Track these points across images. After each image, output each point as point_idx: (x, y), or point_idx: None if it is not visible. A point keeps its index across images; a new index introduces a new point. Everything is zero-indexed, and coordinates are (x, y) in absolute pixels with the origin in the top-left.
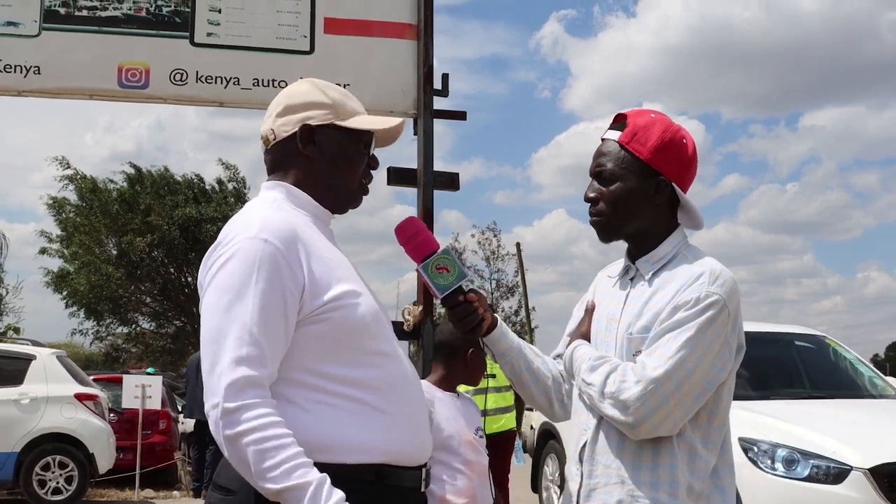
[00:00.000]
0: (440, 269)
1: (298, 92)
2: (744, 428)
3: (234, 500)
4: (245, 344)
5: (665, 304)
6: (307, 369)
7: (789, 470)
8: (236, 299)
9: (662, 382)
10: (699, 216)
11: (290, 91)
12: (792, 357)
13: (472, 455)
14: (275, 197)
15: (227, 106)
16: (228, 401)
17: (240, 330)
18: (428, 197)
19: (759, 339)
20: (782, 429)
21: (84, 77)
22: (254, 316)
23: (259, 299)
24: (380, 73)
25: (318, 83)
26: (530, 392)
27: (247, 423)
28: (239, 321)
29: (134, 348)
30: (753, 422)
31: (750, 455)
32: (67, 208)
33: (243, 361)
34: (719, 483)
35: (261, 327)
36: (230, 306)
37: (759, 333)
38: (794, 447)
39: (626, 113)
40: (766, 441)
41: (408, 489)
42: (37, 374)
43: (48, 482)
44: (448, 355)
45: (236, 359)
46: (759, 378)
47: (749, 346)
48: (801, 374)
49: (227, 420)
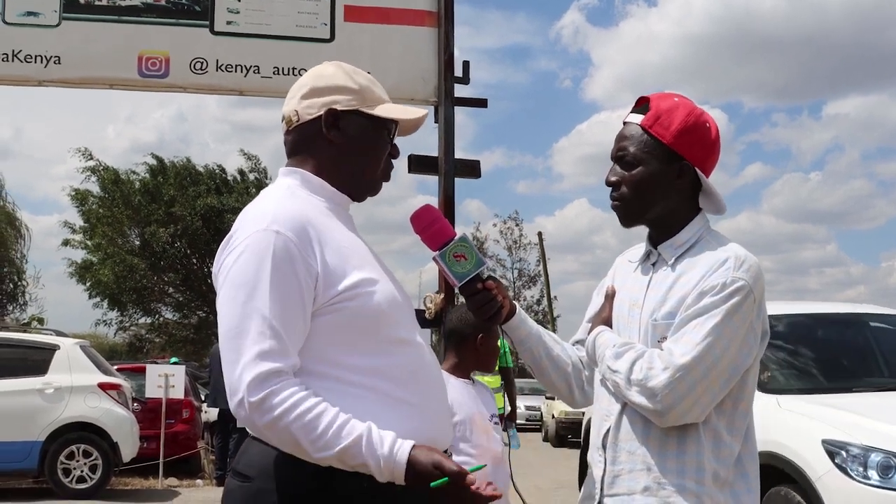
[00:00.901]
0: (457, 256)
1: (325, 74)
2: (826, 428)
3: (252, 486)
4: (266, 338)
5: (690, 289)
6: (324, 359)
7: (885, 478)
8: (252, 293)
9: (690, 369)
10: (721, 201)
11: (316, 73)
12: (867, 341)
13: (485, 441)
14: (289, 184)
15: (247, 94)
16: (253, 394)
17: (260, 324)
18: (449, 185)
19: (828, 321)
20: (872, 428)
21: (104, 66)
22: (272, 309)
23: (275, 292)
24: (400, 60)
25: (345, 67)
26: (550, 379)
27: (280, 406)
28: (258, 315)
29: (157, 338)
30: (837, 420)
31: (837, 461)
32: (90, 200)
33: (266, 356)
34: (744, 470)
35: (280, 319)
36: (247, 301)
37: (828, 315)
38: (890, 451)
39: (649, 96)
40: (855, 444)
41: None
42: (60, 363)
43: (72, 471)
44: (458, 342)
45: (259, 353)
46: (833, 367)
47: (817, 330)
48: (879, 360)
49: (259, 411)
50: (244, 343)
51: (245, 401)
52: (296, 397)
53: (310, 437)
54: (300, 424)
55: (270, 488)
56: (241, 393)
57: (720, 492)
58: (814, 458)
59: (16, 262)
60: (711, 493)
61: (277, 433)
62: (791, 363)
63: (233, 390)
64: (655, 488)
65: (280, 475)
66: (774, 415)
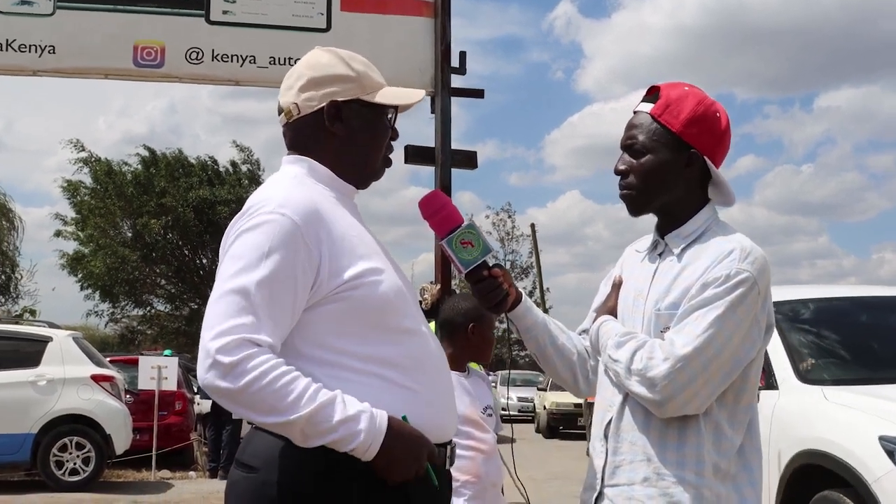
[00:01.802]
0: (465, 243)
1: (321, 64)
2: (883, 423)
3: (257, 477)
4: (247, 313)
5: (694, 280)
6: (330, 347)
7: None
8: (246, 268)
9: (691, 360)
10: (731, 192)
11: (312, 62)
12: None
13: (478, 433)
14: (296, 172)
15: (242, 85)
16: (227, 356)
17: (243, 299)
18: (445, 175)
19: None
20: None
21: (99, 56)
22: (261, 289)
23: (268, 271)
24: (397, 50)
25: (340, 53)
26: (555, 367)
27: (254, 370)
28: (245, 290)
29: (149, 330)
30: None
31: None
32: (82, 191)
33: (242, 328)
34: (746, 463)
35: (263, 297)
36: (239, 273)
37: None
38: None
39: (660, 85)
40: None
41: (433, 466)
42: (53, 355)
43: (65, 463)
44: (451, 333)
45: (236, 325)
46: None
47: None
48: None
49: (233, 374)
50: (224, 311)
51: (217, 362)
52: (271, 363)
53: (284, 401)
54: (273, 389)
55: (276, 480)
56: (212, 356)
57: (721, 484)
58: (870, 457)
59: (9, 254)
60: (711, 485)
61: (249, 397)
62: (832, 351)
63: (204, 353)
64: (655, 479)
65: (286, 466)
66: (820, 408)
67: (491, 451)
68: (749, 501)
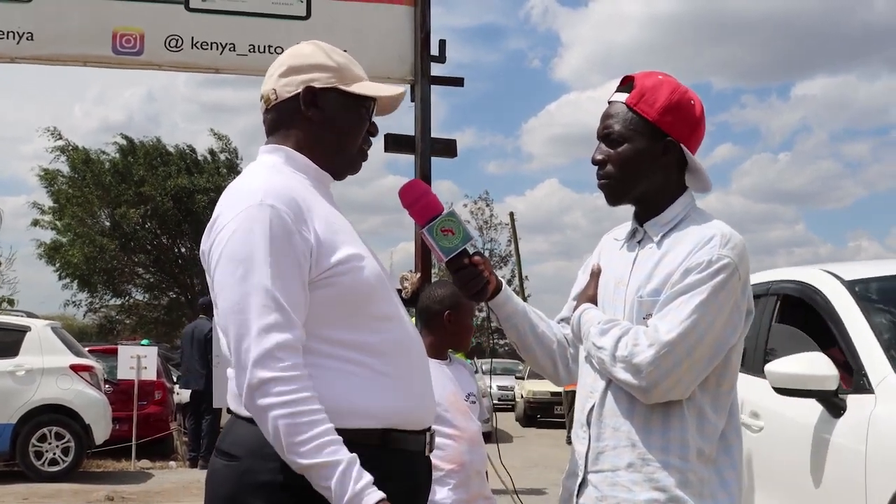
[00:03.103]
0: (445, 231)
1: (303, 53)
2: None
3: (238, 466)
4: (271, 311)
5: (676, 266)
6: (312, 334)
7: None
8: (252, 267)
9: (675, 346)
10: (707, 178)
11: (294, 52)
12: None
13: (461, 421)
14: (274, 161)
15: (222, 72)
16: (261, 371)
17: (262, 298)
18: (425, 163)
19: None
20: None
21: (78, 43)
22: (274, 282)
23: (275, 265)
24: (377, 39)
25: (322, 46)
26: (535, 355)
27: (279, 396)
28: (260, 289)
29: (128, 320)
30: None
31: None
32: (60, 180)
33: (272, 328)
34: (727, 446)
35: (283, 292)
36: (247, 276)
37: None
38: None
39: (634, 75)
40: None
41: (412, 453)
42: (32, 345)
43: (45, 453)
44: (428, 320)
45: (264, 327)
46: None
47: None
48: None
49: (259, 391)
50: (249, 318)
51: (252, 376)
52: (297, 395)
53: (292, 438)
54: (288, 423)
55: (258, 467)
56: (249, 369)
57: (704, 468)
58: None
59: None
60: (695, 469)
61: (265, 419)
62: None
63: (240, 366)
64: (640, 464)
65: (266, 454)
66: None
67: (474, 439)
68: (730, 483)
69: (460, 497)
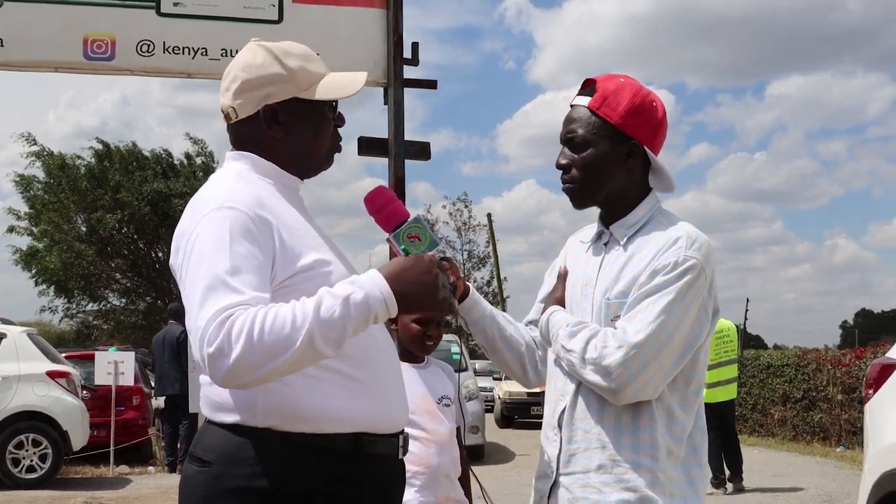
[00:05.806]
0: (412, 237)
1: (254, 65)
2: None
3: (210, 471)
4: (216, 293)
5: (643, 268)
6: None
7: None
8: (209, 259)
9: (644, 347)
10: (671, 178)
11: (244, 62)
12: None
13: (430, 423)
14: (239, 168)
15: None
16: (209, 346)
17: (212, 279)
18: (399, 166)
19: None
20: None
21: (49, 49)
22: (226, 267)
23: (233, 257)
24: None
25: (273, 50)
26: (504, 359)
27: (239, 336)
28: (209, 274)
29: (105, 325)
30: None
31: None
32: (35, 185)
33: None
34: (694, 447)
35: (234, 275)
36: (199, 270)
37: None
38: None
39: (595, 78)
40: None
41: (385, 457)
42: (8, 352)
43: (22, 460)
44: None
45: (205, 298)
46: None
47: None
48: None
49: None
50: (202, 311)
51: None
52: (248, 317)
53: (283, 336)
54: (265, 336)
55: (230, 473)
56: (204, 355)
57: (673, 467)
58: None
59: None
60: (665, 469)
61: (254, 359)
62: None
63: (196, 345)
64: (610, 466)
65: (239, 459)
66: None
67: (444, 441)
68: (697, 483)
69: (427, 499)
